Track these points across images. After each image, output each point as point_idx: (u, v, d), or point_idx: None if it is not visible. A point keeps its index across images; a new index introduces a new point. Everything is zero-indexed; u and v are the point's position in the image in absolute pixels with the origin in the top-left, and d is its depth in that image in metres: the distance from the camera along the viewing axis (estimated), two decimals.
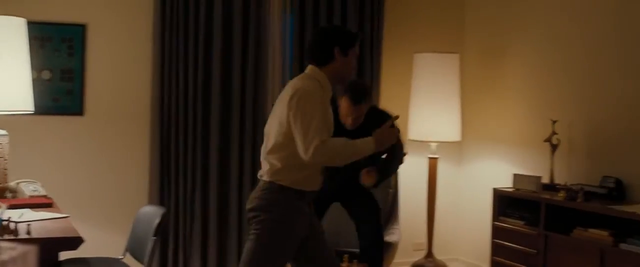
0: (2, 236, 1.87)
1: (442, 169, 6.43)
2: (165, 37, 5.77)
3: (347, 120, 4.88)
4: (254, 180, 5.97)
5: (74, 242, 3.70)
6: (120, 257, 4.60)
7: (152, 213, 4.45)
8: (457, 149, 6.71)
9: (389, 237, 5.62)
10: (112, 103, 5.81)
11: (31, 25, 4.98)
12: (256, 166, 6.00)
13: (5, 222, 3.60)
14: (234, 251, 5.95)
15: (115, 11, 5.78)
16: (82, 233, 3.68)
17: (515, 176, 5.64)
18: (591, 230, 4.95)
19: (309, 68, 3.79)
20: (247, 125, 5.97)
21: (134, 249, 4.54)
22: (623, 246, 4.72)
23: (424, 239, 6.36)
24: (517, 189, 5.59)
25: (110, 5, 5.76)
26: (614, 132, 5.36)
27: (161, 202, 5.79)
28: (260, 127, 5.98)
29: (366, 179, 4.85)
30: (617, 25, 5.34)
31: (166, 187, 5.87)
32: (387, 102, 6.45)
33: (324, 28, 4.91)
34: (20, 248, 1.46)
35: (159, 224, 4.28)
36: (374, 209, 5.12)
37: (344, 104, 4.85)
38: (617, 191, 5.13)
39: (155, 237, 4.24)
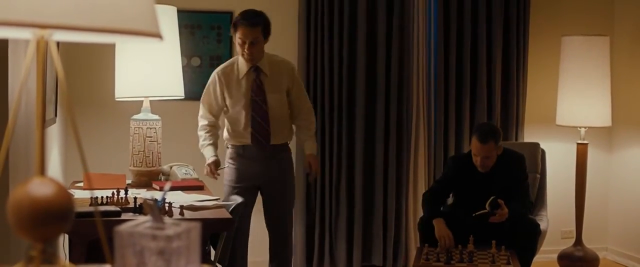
0: (163, 215, 1.96)
1: (591, 156, 6.23)
2: (310, 24, 5.81)
3: (476, 161, 4.91)
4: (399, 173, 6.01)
5: (227, 223, 3.84)
6: None
7: None
8: (607, 135, 6.49)
9: None
10: None
11: (182, 14, 5.15)
12: (402, 154, 6.01)
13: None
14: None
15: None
16: None
17: None
18: None
19: None
20: (392, 111, 5.96)
21: None
22: None
23: (572, 227, 6.19)
24: None
25: None
26: None
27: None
28: (406, 112, 5.98)
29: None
30: None
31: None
32: (533, 86, 6.31)
33: None
34: (184, 225, 1.52)
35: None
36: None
37: (472, 143, 4.92)
38: None
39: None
